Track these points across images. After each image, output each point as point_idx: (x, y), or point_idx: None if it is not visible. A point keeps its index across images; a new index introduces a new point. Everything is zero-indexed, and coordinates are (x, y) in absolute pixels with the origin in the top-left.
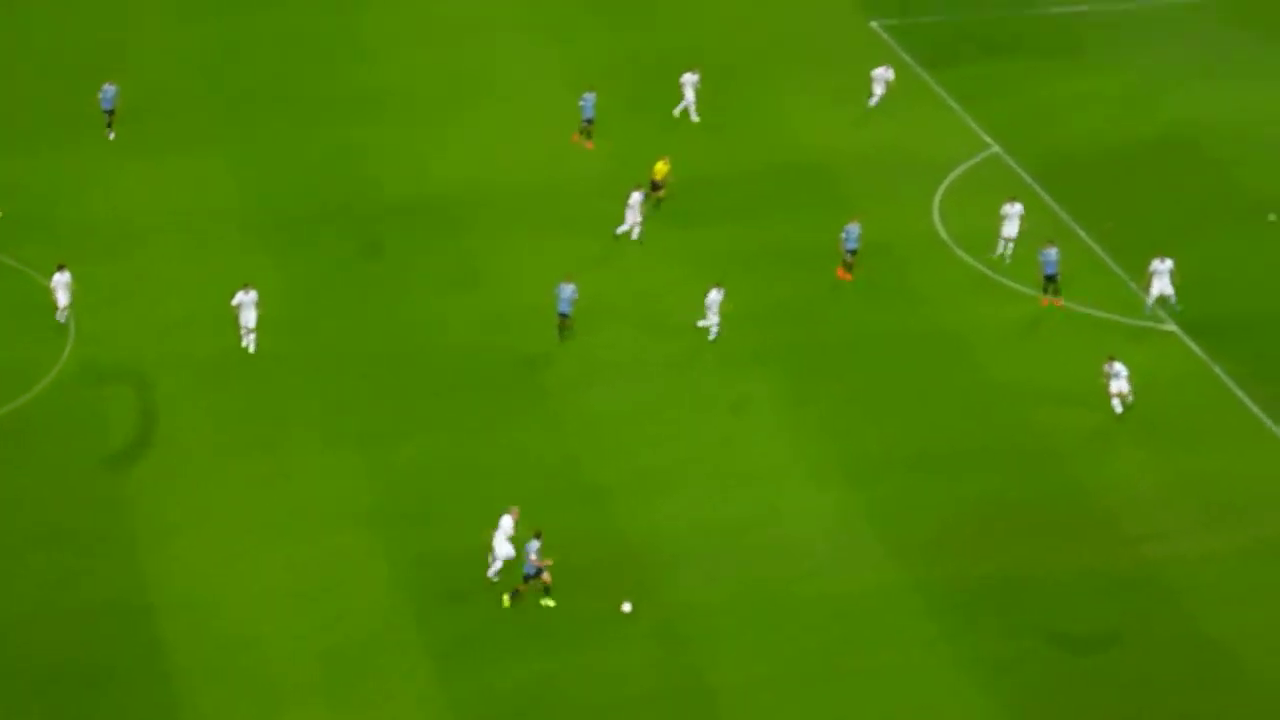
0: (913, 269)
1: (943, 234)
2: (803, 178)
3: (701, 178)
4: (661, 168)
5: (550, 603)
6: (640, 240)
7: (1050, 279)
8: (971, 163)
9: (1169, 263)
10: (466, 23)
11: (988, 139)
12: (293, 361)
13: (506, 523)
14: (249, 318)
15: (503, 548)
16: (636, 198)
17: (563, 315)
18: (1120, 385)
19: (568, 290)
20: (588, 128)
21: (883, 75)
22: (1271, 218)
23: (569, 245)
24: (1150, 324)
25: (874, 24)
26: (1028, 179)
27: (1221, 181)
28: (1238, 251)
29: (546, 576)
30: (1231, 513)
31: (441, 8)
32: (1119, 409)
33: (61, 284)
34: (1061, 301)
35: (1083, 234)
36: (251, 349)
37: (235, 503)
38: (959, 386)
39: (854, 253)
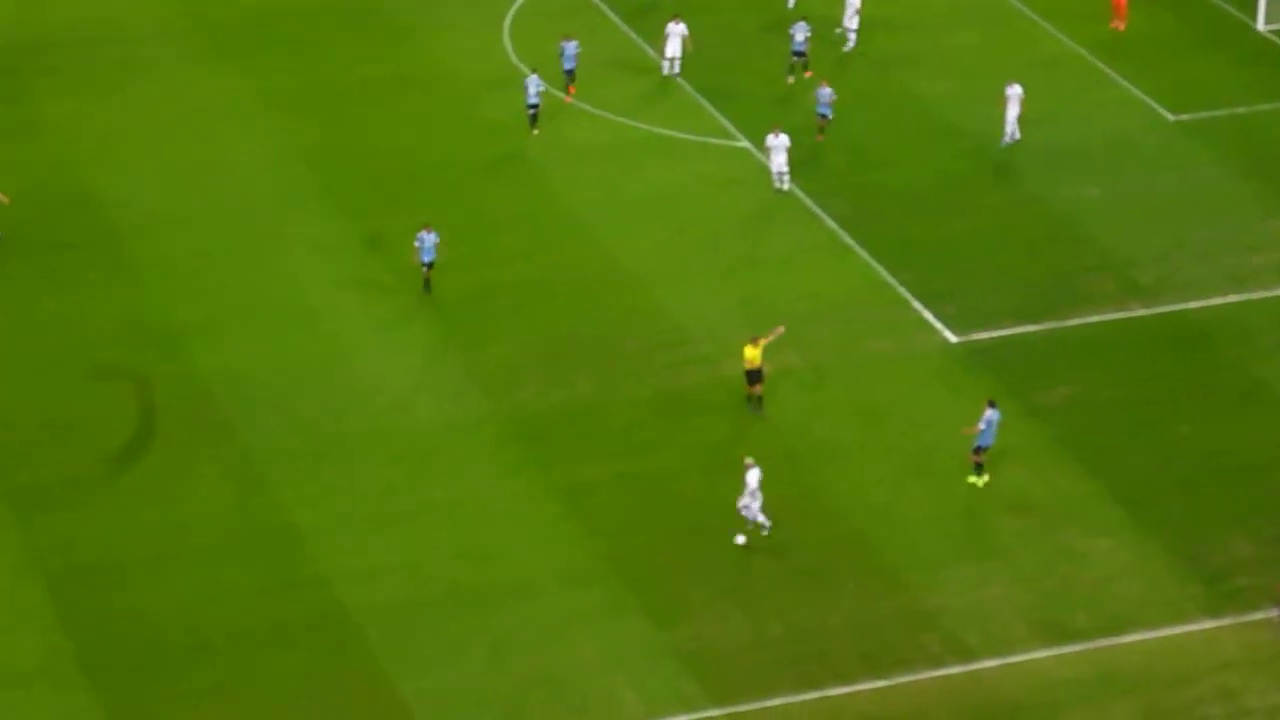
0: (484, 98)
1: (515, 60)
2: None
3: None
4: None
5: None
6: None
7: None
8: None
9: (1017, 88)
10: None
11: None
12: None
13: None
14: None
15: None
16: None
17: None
18: None
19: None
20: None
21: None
22: (839, 30)
23: None
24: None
25: None
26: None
27: None
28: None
29: None
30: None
31: None
32: None
33: None
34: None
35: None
36: None
37: None
38: (534, 213)
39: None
